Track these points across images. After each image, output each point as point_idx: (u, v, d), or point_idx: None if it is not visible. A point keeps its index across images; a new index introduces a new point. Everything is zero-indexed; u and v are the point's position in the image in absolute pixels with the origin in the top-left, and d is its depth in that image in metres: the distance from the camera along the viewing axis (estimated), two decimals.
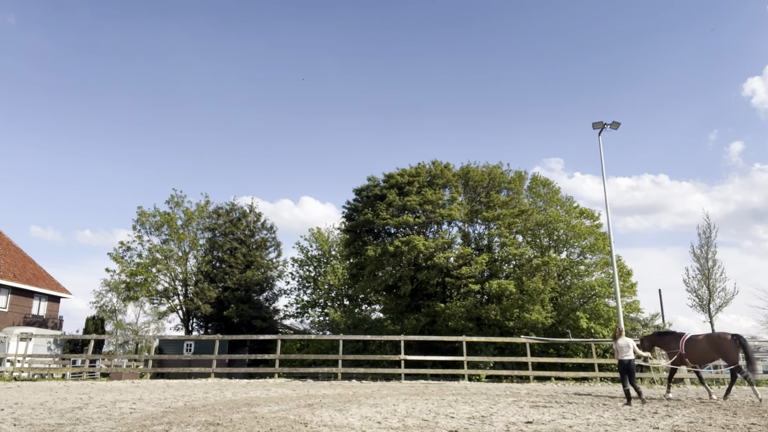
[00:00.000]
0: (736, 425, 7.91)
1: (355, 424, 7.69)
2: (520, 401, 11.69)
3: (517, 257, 30.25)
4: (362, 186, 33.23)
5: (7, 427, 7.34)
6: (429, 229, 31.15)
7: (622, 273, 29.22)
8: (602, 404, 11.15)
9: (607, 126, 27.33)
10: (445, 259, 28.78)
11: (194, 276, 38.85)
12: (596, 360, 21.05)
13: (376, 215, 30.27)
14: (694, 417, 8.92)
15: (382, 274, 30.24)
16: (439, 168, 31.86)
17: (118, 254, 38.06)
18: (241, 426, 7.38)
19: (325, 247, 42.87)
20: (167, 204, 39.84)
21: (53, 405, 10.23)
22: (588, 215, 31.75)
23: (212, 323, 38.29)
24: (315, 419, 8.11)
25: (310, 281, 42.10)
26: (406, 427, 7.47)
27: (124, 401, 11.01)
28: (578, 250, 30.97)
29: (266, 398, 11.93)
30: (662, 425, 7.86)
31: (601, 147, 27.63)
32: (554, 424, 7.88)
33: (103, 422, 7.84)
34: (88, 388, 15.23)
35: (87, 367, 24.37)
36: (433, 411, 9.48)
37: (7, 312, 33.84)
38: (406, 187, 31.01)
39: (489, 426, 7.69)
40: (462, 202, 31.16)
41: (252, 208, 41.91)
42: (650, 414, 9.34)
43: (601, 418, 8.77)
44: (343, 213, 34.24)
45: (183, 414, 8.78)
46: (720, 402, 11.93)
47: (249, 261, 38.99)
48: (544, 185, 33.73)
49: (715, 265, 31.03)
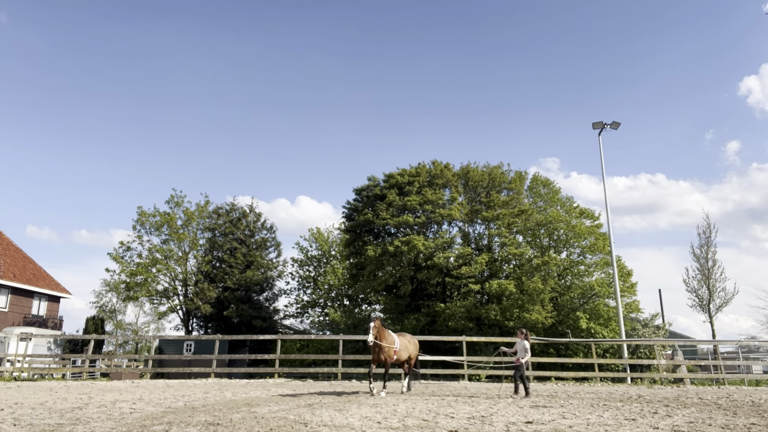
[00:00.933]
0: (736, 425, 7.91)
1: (355, 424, 7.69)
2: (520, 401, 11.68)
3: (517, 257, 30.26)
4: (362, 186, 33.25)
5: (7, 427, 7.34)
6: (429, 229, 31.15)
7: (622, 273, 29.23)
8: (602, 404, 11.15)
9: (607, 126, 27.37)
10: (445, 259, 28.78)
11: (194, 276, 38.86)
12: (596, 360, 21.05)
13: (376, 215, 30.27)
14: (694, 417, 8.92)
15: (382, 274, 30.25)
16: (439, 168, 31.87)
17: (118, 254, 38.10)
18: (241, 426, 7.38)
19: (325, 247, 42.88)
20: (167, 204, 39.91)
21: (53, 405, 10.23)
22: (588, 215, 31.75)
23: (212, 323, 38.30)
24: (315, 419, 8.11)
25: (310, 281, 42.10)
26: (406, 427, 7.47)
27: (124, 401, 11.01)
28: (578, 250, 30.98)
29: (266, 398, 11.93)
30: (662, 425, 7.86)
31: (601, 147, 27.67)
32: (554, 424, 7.88)
33: (103, 422, 7.84)
34: (88, 388, 15.23)
35: (87, 367, 24.36)
36: (433, 411, 9.47)
37: (7, 312, 33.85)
38: (406, 187, 31.02)
39: (489, 426, 7.69)
40: (462, 202, 31.17)
41: (252, 208, 41.96)
42: (650, 414, 9.34)
43: (601, 418, 8.76)
44: (343, 213, 34.27)
45: (183, 414, 8.78)
46: None
47: (249, 261, 38.99)
48: (544, 185, 33.74)
49: (715, 265, 31.06)
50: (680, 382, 20.02)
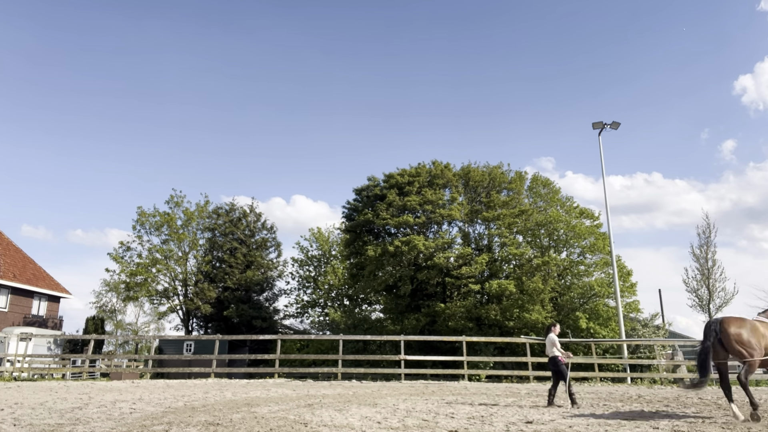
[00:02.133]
0: (736, 425, 7.92)
1: (355, 424, 7.69)
2: (520, 401, 11.69)
3: (517, 257, 30.26)
4: (362, 186, 33.23)
5: (7, 427, 7.34)
6: (429, 229, 31.15)
7: (621, 273, 29.23)
8: (602, 404, 11.16)
9: (607, 126, 27.38)
10: (445, 259, 28.78)
11: (194, 276, 38.87)
12: (596, 360, 21.05)
13: (376, 215, 30.27)
14: (695, 417, 8.93)
15: (382, 274, 30.24)
16: (440, 168, 31.87)
17: (117, 254, 38.11)
18: (241, 426, 7.38)
19: (325, 247, 42.89)
20: (167, 204, 39.91)
21: (53, 405, 10.23)
22: (588, 215, 31.76)
23: (212, 323, 38.30)
24: (315, 419, 8.11)
25: (310, 281, 42.11)
26: (406, 427, 7.47)
27: (124, 401, 11.01)
28: (578, 250, 30.97)
29: (266, 398, 11.93)
30: (662, 425, 7.86)
31: (601, 147, 27.68)
32: (554, 424, 7.89)
33: (103, 422, 7.84)
34: (88, 388, 15.23)
35: (87, 367, 24.37)
36: (433, 411, 9.48)
37: (7, 312, 33.85)
38: (406, 187, 31.02)
39: (489, 426, 7.69)
40: (462, 202, 31.17)
41: (252, 208, 41.96)
42: (650, 414, 9.35)
43: (601, 418, 8.77)
44: (343, 213, 34.26)
45: (183, 414, 8.78)
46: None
47: (249, 261, 39.00)
48: (544, 185, 33.74)
49: (714, 265, 31.03)
50: (680, 382, 20.02)
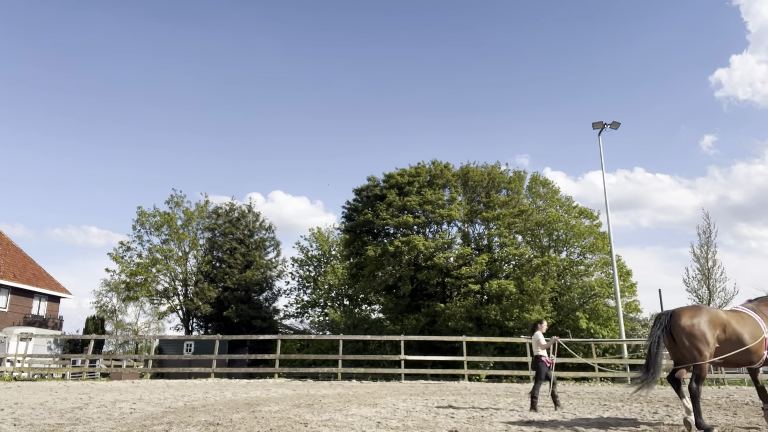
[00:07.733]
0: (737, 425, 7.92)
1: (355, 424, 7.69)
2: (521, 401, 11.69)
3: (516, 257, 30.28)
4: (362, 186, 33.26)
5: (7, 427, 7.34)
6: (429, 229, 31.17)
7: (621, 273, 29.27)
8: (602, 404, 11.16)
9: (607, 126, 27.39)
10: (445, 259, 28.79)
11: (194, 276, 38.88)
12: (596, 360, 21.02)
13: (376, 215, 30.28)
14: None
15: (382, 274, 30.25)
16: (439, 168, 31.89)
17: (117, 254, 38.12)
18: (241, 426, 7.38)
19: (325, 247, 42.91)
20: (167, 204, 39.97)
21: (53, 405, 10.23)
22: (587, 215, 31.79)
23: (212, 323, 38.31)
24: (315, 419, 8.11)
25: (310, 281, 42.13)
26: (406, 427, 7.47)
27: (124, 401, 11.01)
28: (578, 250, 31.01)
29: (266, 398, 11.93)
30: (662, 425, 7.87)
31: (601, 147, 27.67)
32: (554, 424, 7.89)
33: (103, 422, 7.84)
34: (88, 388, 15.23)
35: (87, 367, 24.36)
36: (433, 411, 9.48)
37: (7, 312, 33.84)
38: (406, 187, 31.03)
39: (489, 426, 7.69)
40: (462, 202, 31.18)
41: (251, 208, 42.00)
42: (650, 414, 9.35)
43: (601, 418, 8.78)
44: (342, 213, 34.30)
45: (183, 414, 8.78)
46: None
47: (248, 261, 39.02)
48: (543, 185, 33.78)
49: (715, 265, 31.08)
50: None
